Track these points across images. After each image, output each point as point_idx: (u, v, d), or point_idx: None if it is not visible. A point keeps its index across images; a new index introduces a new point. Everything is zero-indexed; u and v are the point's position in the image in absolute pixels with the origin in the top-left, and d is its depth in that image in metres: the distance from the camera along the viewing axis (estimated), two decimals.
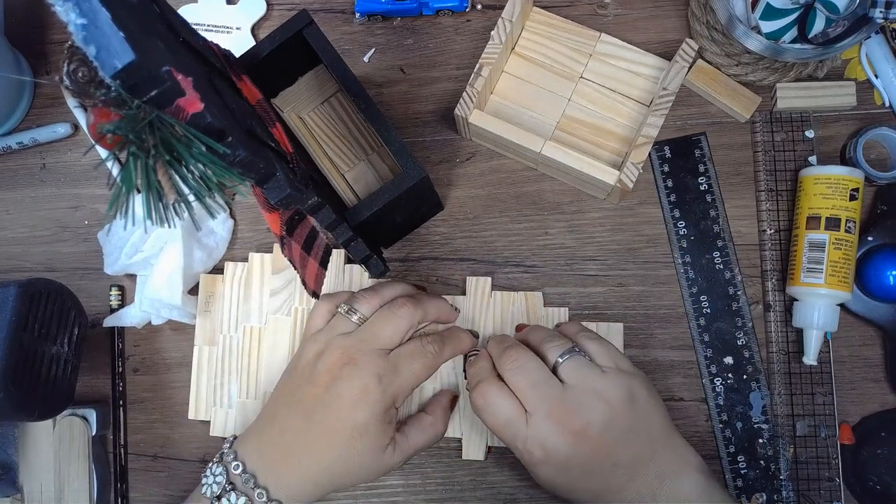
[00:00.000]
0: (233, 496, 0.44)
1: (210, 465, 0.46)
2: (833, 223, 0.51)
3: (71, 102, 0.60)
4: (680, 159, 0.56)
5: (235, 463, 0.45)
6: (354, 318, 0.49)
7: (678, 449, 0.45)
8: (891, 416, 0.52)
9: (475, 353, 0.51)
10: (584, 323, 0.54)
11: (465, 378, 0.51)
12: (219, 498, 0.44)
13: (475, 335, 0.53)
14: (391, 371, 0.46)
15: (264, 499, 0.44)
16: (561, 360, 0.45)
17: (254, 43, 0.60)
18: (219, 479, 0.45)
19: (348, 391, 0.45)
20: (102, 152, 0.60)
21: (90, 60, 0.26)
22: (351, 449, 0.45)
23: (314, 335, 0.49)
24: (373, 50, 0.60)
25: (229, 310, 0.56)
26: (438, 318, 0.52)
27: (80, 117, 0.61)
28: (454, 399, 0.53)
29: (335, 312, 0.50)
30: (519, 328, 0.53)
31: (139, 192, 0.29)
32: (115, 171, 0.59)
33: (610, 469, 0.43)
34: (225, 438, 0.49)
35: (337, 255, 0.56)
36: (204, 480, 0.45)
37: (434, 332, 0.51)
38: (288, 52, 0.50)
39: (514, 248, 0.56)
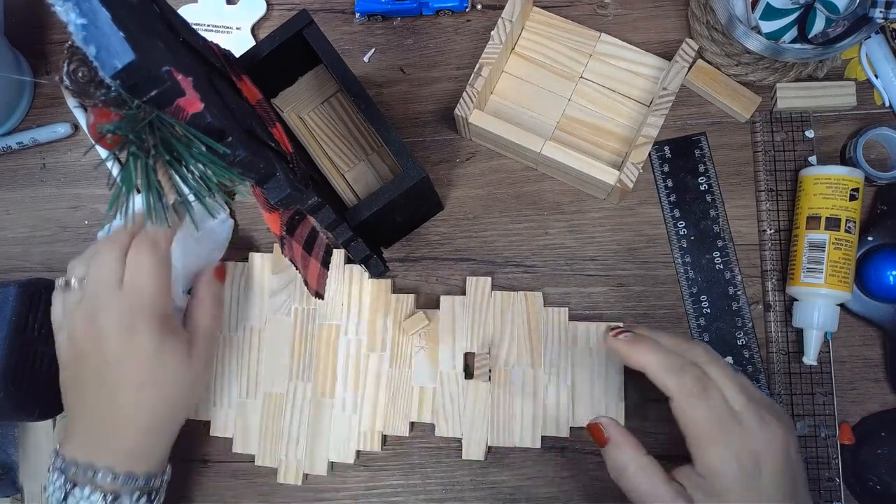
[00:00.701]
0: (77, 491, 0.43)
1: (47, 480, 0.45)
2: (833, 223, 0.51)
3: (71, 102, 0.61)
4: (680, 159, 0.56)
5: (65, 464, 0.44)
6: (74, 282, 0.47)
7: None
8: (891, 416, 0.52)
9: None
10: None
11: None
12: (65, 499, 0.43)
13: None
14: (134, 295, 0.44)
15: (110, 477, 0.43)
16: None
17: (254, 43, 0.60)
18: (57, 483, 0.44)
19: (119, 338, 0.44)
20: (102, 152, 0.60)
21: (90, 60, 0.26)
22: (158, 370, 0.44)
23: (58, 321, 0.48)
24: (373, 50, 0.60)
25: (229, 310, 0.56)
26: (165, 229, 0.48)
27: (80, 117, 0.61)
28: (220, 270, 0.52)
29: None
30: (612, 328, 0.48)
31: (139, 192, 0.29)
32: (115, 171, 0.59)
33: None
34: (54, 451, 0.47)
35: (337, 255, 0.56)
36: (45, 495, 0.44)
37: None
38: (288, 52, 0.50)
39: (514, 248, 0.56)
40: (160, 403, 0.45)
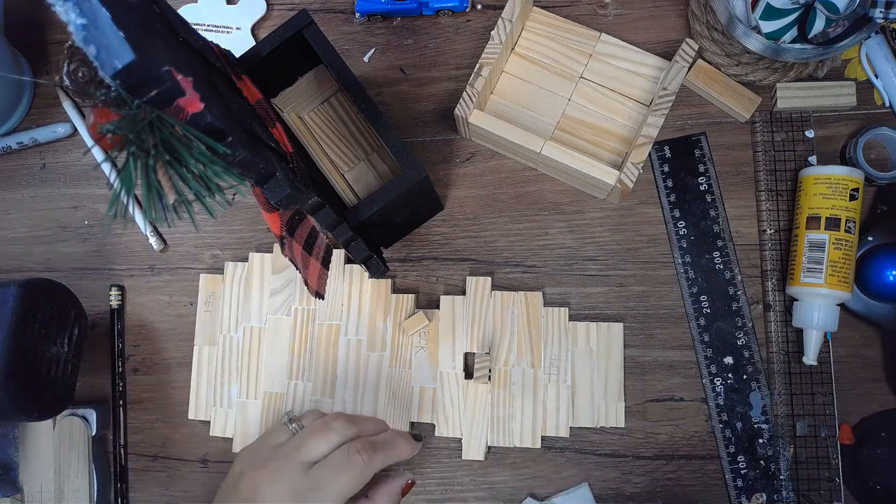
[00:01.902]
0: None
1: None
2: (833, 223, 0.51)
3: (67, 104, 0.60)
4: (680, 159, 0.56)
5: None
6: (292, 426, 0.48)
7: None
8: (891, 416, 0.52)
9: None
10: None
11: None
12: None
13: (418, 439, 0.50)
14: (311, 488, 0.44)
15: None
16: None
17: (254, 43, 0.60)
18: None
19: (264, 498, 0.44)
20: (99, 155, 0.60)
21: (90, 60, 0.26)
22: None
23: (252, 444, 0.48)
24: (373, 50, 0.60)
25: (229, 310, 0.56)
26: (398, 457, 0.48)
27: (76, 118, 0.60)
28: (408, 486, 0.49)
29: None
30: None
31: (140, 205, 0.29)
32: (111, 173, 0.59)
33: None
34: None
35: (337, 255, 0.56)
36: None
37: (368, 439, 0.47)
38: (288, 52, 0.50)
39: (514, 248, 0.56)
40: None
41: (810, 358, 0.51)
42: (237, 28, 0.61)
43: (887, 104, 0.55)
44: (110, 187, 0.60)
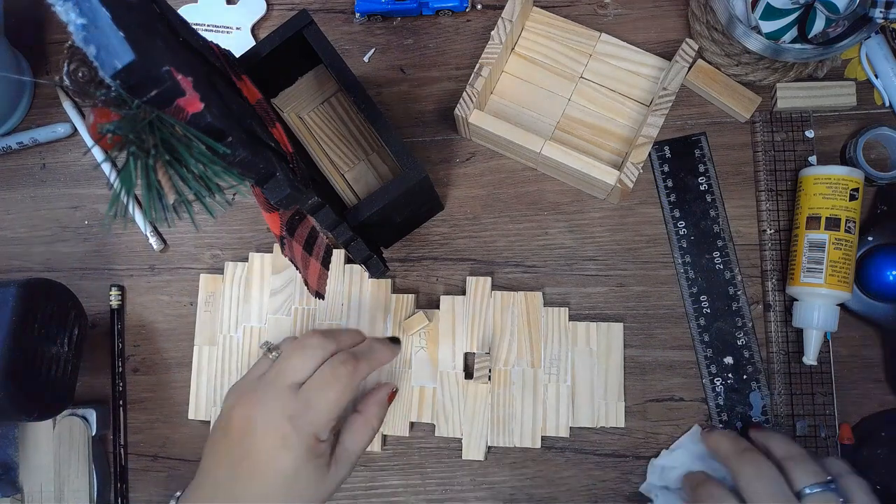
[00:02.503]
0: None
1: None
2: (833, 223, 0.51)
3: (67, 104, 0.60)
4: (680, 159, 0.56)
5: None
6: (272, 354, 0.47)
7: None
8: (891, 416, 0.52)
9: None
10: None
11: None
12: None
13: (395, 341, 0.50)
14: (303, 408, 0.43)
15: None
16: (810, 491, 0.41)
17: (254, 43, 0.60)
18: None
19: (264, 439, 0.43)
20: (99, 155, 0.60)
21: (90, 60, 0.26)
22: (289, 491, 0.43)
23: (235, 383, 0.48)
24: (373, 50, 0.60)
25: (229, 310, 0.56)
26: (380, 363, 0.48)
27: (76, 118, 0.60)
28: (393, 394, 0.51)
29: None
30: (753, 427, 0.50)
31: (141, 205, 0.29)
32: (111, 173, 0.59)
33: None
34: (173, 495, 0.48)
35: (337, 255, 0.56)
36: None
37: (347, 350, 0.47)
38: (288, 52, 0.49)
39: (514, 248, 0.56)
40: None
41: (810, 358, 0.51)
42: (237, 28, 0.61)
43: (887, 104, 0.55)
44: (110, 187, 0.60)
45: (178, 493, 0.47)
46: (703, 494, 0.44)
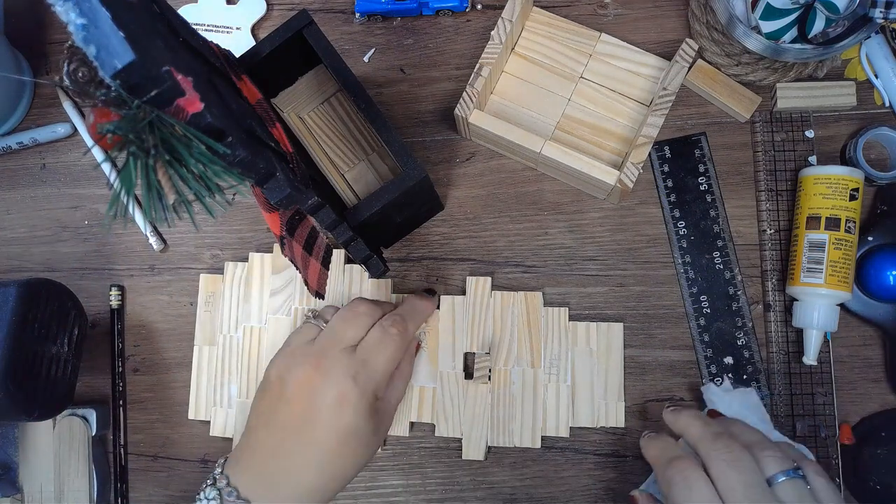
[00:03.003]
0: None
1: (203, 487, 0.44)
2: (833, 223, 0.51)
3: (67, 104, 0.60)
4: (680, 159, 0.56)
5: (229, 489, 0.44)
6: (318, 322, 0.49)
7: None
8: (891, 416, 0.52)
9: None
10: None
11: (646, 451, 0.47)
12: None
13: (432, 292, 0.54)
14: (362, 367, 0.46)
15: None
16: (781, 479, 0.40)
17: (254, 43, 0.60)
18: (212, 498, 0.43)
19: (326, 402, 0.45)
20: (99, 155, 0.60)
21: (90, 60, 0.26)
22: (346, 451, 0.45)
23: (281, 349, 0.49)
24: (373, 50, 0.60)
25: (229, 310, 0.56)
26: (424, 318, 0.53)
27: (76, 118, 0.60)
28: (418, 346, 0.54)
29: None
30: (712, 414, 0.50)
31: (141, 205, 0.29)
32: (111, 173, 0.59)
33: None
34: (215, 462, 0.48)
35: (337, 255, 0.56)
36: (198, 502, 0.44)
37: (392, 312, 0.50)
38: (288, 52, 0.50)
39: (514, 248, 0.56)
40: (332, 478, 0.45)
41: (810, 358, 0.51)
42: (237, 28, 0.61)
43: (887, 104, 0.55)
44: (110, 187, 0.60)
45: (223, 459, 0.47)
46: (672, 474, 0.42)
